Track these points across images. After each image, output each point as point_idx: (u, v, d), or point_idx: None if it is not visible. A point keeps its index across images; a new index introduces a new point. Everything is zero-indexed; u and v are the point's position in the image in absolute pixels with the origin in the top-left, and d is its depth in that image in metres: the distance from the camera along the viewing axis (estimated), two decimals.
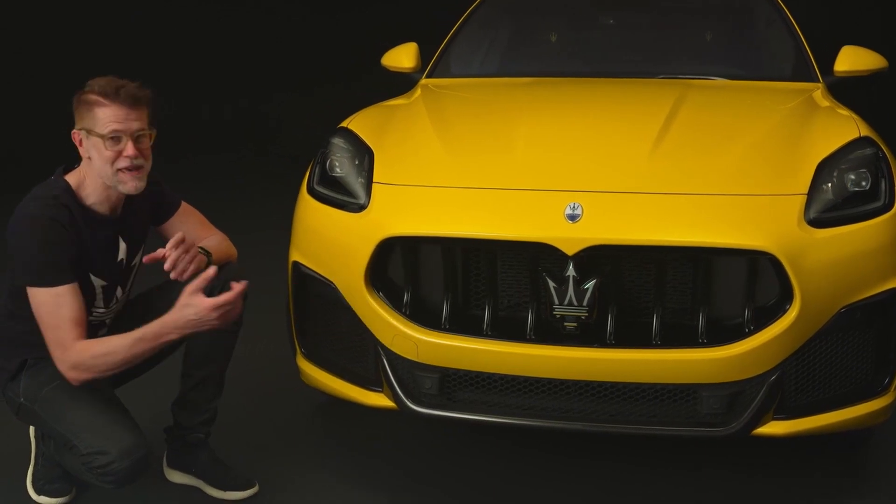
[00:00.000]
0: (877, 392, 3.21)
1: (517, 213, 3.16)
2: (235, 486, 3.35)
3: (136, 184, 3.04)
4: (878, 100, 7.23)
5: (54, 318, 2.95)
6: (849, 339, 3.15)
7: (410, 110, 3.92)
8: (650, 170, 3.25)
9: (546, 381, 3.15)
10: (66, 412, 3.05)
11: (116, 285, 3.21)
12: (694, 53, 4.60)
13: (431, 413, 3.25)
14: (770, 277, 3.08)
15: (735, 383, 3.07)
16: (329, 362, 3.52)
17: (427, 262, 3.29)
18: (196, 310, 2.91)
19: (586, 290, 3.07)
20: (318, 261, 3.44)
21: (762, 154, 3.35)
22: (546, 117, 3.77)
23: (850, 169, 3.24)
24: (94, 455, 2.96)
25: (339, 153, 3.56)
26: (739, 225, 3.05)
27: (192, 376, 3.33)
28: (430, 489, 3.42)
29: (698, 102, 3.82)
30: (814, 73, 4.32)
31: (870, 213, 3.17)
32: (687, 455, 3.59)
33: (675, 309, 3.18)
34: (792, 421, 3.15)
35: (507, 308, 3.27)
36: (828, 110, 3.78)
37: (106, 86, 3.00)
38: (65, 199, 3.03)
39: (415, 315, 3.25)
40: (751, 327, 3.07)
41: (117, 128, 2.97)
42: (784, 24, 4.57)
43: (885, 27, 9.19)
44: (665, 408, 3.12)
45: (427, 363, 3.21)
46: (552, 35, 4.93)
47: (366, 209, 3.33)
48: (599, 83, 4.32)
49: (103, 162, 3.00)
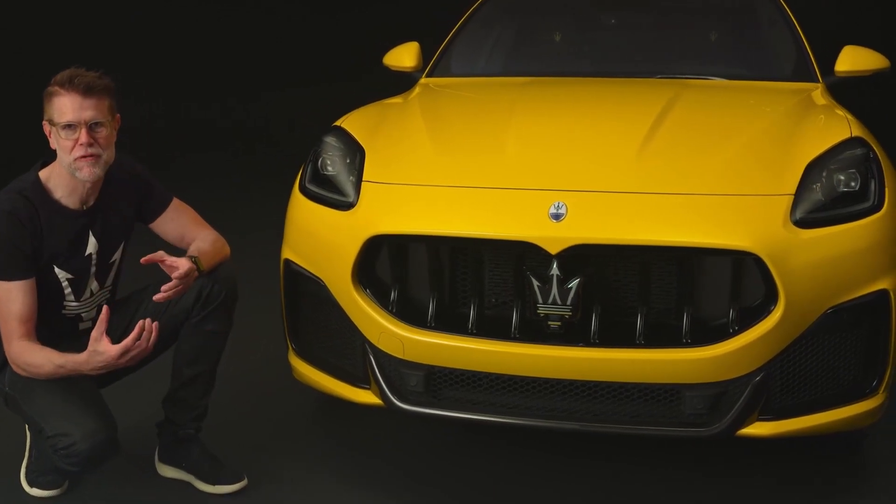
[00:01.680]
0: (865, 394, 3.19)
1: (502, 212, 3.17)
2: (224, 481, 3.38)
3: (92, 170, 3.09)
4: (879, 100, 7.17)
5: (4, 310, 3.06)
6: (835, 340, 3.13)
7: (404, 109, 3.93)
8: (637, 169, 3.25)
9: (531, 380, 3.16)
10: (37, 398, 3.10)
11: (87, 280, 3.25)
12: (693, 53, 4.59)
13: (417, 410, 3.27)
14: (755, 278, 3.07)
15: (719, 384, 3.06)
16: (320, 359, 3.54)
17: (414, 260, 3.31)
18: (104, 357, 2.96)
19: (570, 289, 3.07)
20: (308, 258, 3.47)
21: (752, 154, 3.34)
22: (538, 117, 3.77)
23: (839, 169, 3.22)
24: (59, 437, 3.01)
25: (331, 152, 3.58)
26: (723, 225, 3.04)
27: (182, 374, 3.37)
28: (427, 488, 3.43)
29: (692, 102, 3.81)
30: (813, 74, 4.29)
31: (858, 213, 3.15)
32: (686, 455, 3.58)
33: (661, 309, 3.18)
34: (777, 422, 3.14)
35: (493, 307, 3.28)
36: (822, 110, 3.76)
37: (63, 76, 3.07)
38: (31, 192, 3.10)
39: (401, 313, 3.26)
40: (735, 328, 3.07)
41: (70, 117, 3.03)
42: (785, 24, 4.54)
43: (886, 27, 9.09)
44: (649, 408, 3.12)
45: (413, 361, 3.23)
46: (556, 34, 4.93)
47: (354, 207, 3.35)
48: (596, 83, 4.32)
49: (62, 150, 3.08)
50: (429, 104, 4.02)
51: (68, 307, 3.24)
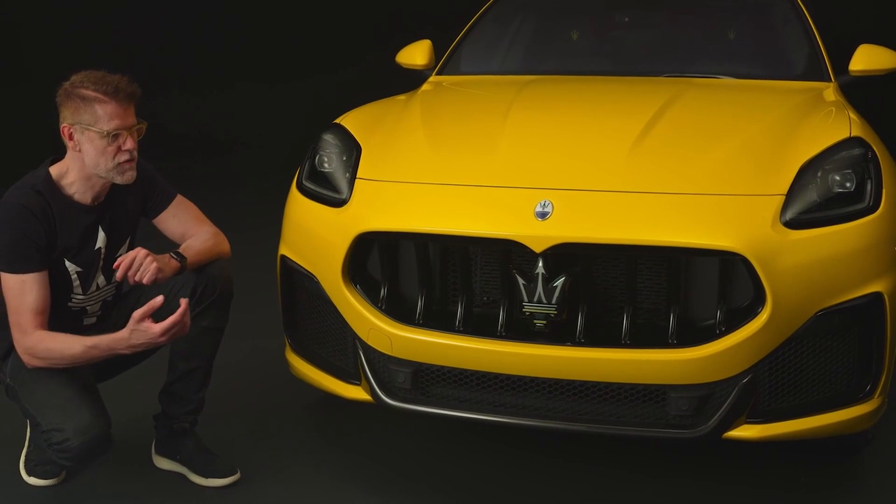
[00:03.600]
0: (858, 398, 3.14)
1: (489, 210, 3.17)
2: (217, 474, 3.41)
3: (133, 173, 3.18)
4: None
5: (18, 303, 3.09)
6: (827, 343, 3.09)
7: (405, 107, 3.93)
8: (627, 168, 3.22)
9: (517, 379, 3.15)
10: (35, 391, 3.15)
11: (94, 273, 3.29)
12: (705, 52, 4.53)
13: (405, 407, 3.27)
14: (743, 279, 3.04)
15: (704, 385, 3.03)
16: (314, 355, 3.57)
17: (405, 257, 3.32)
18: (145, 335, 3.01)
19: (555, 288, 3.06)
20: (302, 255, 3.49)
21: (748, 154, 3.29)
22: (534, 115, 3.75)
23: (834, 169, 3.17)
24: (52, 431, 3.05)
25: (329, 149, 3.60)
26: (709, 225, 3.01)
27: (178, 368, 3.41)
28: (416, 485, 3.43)
29: (691, 101, 3.77)
30: (825, 73, 4.22)
31: (852, 214, 3.10)
32: (685, 456, 3.54)
33: (648, 309, 3.16)
34: (766, 425, 3.10)
35: (482, 305, 3.28)
36: (826, 110, 3.69)
37: (102, 82, 3.10)
38: (42, 187, 3.15)
39: (391, 310, 3.27)
40: (722, 329, 3.04)
41: (120, 124, 3.10)
42: (799, 23, 4.47)
43: None
44: (634, 408, 3.10)
45: (400, 357, 3.24)
46: (574, 33, 4.90)
47: (346, 204, 3.36)
48: (600, 81, 4.29)
49: (102, 156, 3.11)
50: (430, 102, 4.02)
51: (75, 300, 3.29)
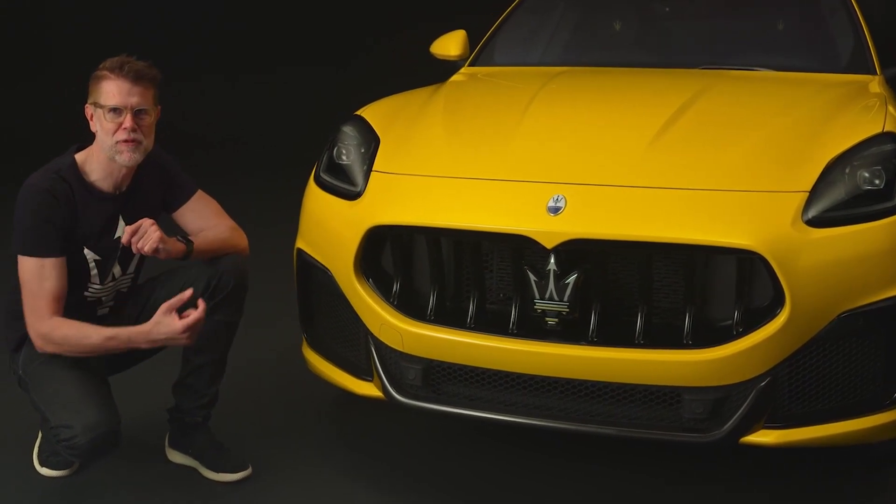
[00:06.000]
0: (883, 405, 3.00)
1: (501, 204, 3.10)
2: (228, 469, 3.38)
3: (132, 155, 3.15)
4: None
5: (36, 287, 3.08)
6: (850, 346, 2.96)
7: (429, 99, 3.86)
8: (644, 162, 3.13)
9: (528, 378, 3.08)
10: (45, 385, 3.14)
11: (112, 263, 3.28)
12: (745, 44, 4.37)
13: (415, 404, 3.22)
14: (763, 278, 2.92)
15: (720, 388, 2.93)
16: (329, 351, 3.52)
17: (418, 252, 3.26)
18: (168, 329, 3.03)
19: (567, 284, 2.98)
20: (317, 248, 3.45)
21: (774, 148, 3.17)
22: (555, 108, 3.66)
23: (863, 166, 3.04)
24: (60, 428, 3.04)
25: (348, 141, 3.55)
26: (726, 222, 2.90)
27: (191, 361, 3.38)
28: (423, 486, 3.38)
29: (719, 94, 3.64)
30: (871, 65, 4.04)
31: (879, 213, 2.96)
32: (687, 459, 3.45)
33: (664, 308, 3.06)
34: (785, 430, 2.98)
35: (497, 302, 3.20)
36: (864, 104, 3.54)
37: (115, 62, 3.15)
38: (66, 173, 3.16)
39: (403, 305, 3.22)
40: (740, 329, 2.92)
41: (120, 101, 3.10)
42: (846, 13, 4.29)
43: None
44: (647, 410, 3.00)
45: (411, 354, 3.18)
46: (616, 23, 4.80)
47: (360, 197, 3.31)
48: (631, 73, 4.17)
49: (105, 133, 3.13)
50: (455, 94, 3.95)
51: (91, 289, 3.28)
